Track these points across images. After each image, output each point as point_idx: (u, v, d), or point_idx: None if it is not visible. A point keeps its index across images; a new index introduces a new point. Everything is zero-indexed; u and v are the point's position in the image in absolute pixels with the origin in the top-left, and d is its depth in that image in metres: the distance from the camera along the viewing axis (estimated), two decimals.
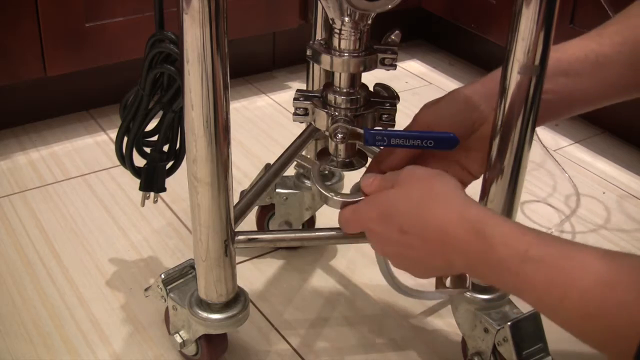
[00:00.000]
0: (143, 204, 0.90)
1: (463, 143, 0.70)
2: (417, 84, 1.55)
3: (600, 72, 0.70)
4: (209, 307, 0.77)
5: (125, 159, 0.86)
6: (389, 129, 0.73)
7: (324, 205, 0.78)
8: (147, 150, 0.86)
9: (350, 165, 0.76)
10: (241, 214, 0.82)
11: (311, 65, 0.92)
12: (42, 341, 0.87)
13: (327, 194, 0.75)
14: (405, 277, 0.95)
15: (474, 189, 0.74)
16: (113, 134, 1.24)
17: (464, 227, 0.59)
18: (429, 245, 0.62)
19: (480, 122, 0.71)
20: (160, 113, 0.83)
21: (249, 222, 0.97)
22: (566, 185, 1.20)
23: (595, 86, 0.71)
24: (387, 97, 0.74)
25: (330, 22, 0.70)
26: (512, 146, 0.67)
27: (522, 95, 0.65)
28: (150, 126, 0.85)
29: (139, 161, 0.87)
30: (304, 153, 0.93)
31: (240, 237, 0.76)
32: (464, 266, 0.61)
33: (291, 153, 0.89)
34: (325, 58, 0.70)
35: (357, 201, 0.71)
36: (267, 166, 0.92)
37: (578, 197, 1.16)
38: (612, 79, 0.71)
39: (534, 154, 0.85)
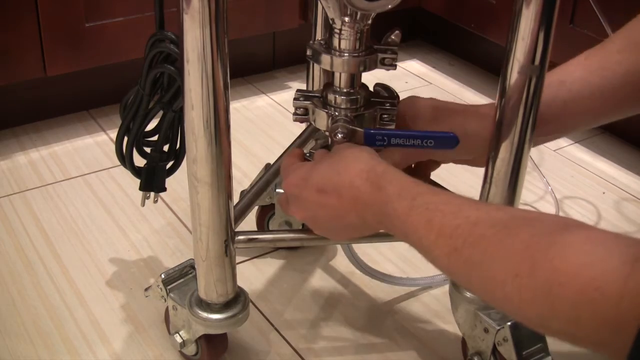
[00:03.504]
0: (143, 204, 0.90)
1: None
2: (417, 84, 1.55)
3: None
4: (209, 307, 0.77)
5: (125, 159, 0.86)
6: (388, 128, 0.73)
7: None
8: (147, 150, 0.86)
9: None
10: (241, 214, 0.82)
11: (311, 65, 0.92)
12: (42, 341, 0.87)
13: None
14: (384, 267, 0.95)
15: (474, 189, 0.74)
16: (113, 134, 1.24)
17: (370, 181, 0.63)
18: (343, 201, 0.64)
19: None
20: (160, 113, 0.83)
21: (249, 222, 0.97)
22: (557, 189, 1.21)
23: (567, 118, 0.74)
24: (387, 97, 0.74)
25: (330, 22, 0.70)
26: (512, 146, 0.67)
27: (522, 95, 0.65)
28: (150, 126, 0.85)
29: (139, 161, 0.87)
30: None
31: (240, 237, 0.76)
32: (374, 221, 0.63)
33: None
34: (325, 58, 0.71)
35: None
36: (267, 166, 0.92)
37: (557, 207, 1.16)
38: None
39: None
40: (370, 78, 0.71)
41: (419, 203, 0.59)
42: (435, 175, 0.80)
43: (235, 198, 0.80)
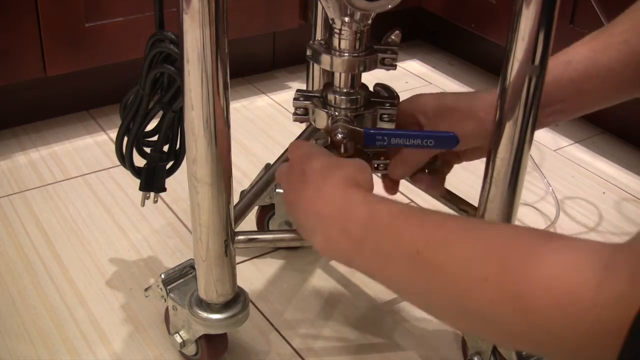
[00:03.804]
0: (143, 204, 0.90)
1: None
2: (417, 84, 1.55)
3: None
4: (209, 307, 0.77)
5: (125, 159, 0.86)
6: (388, 128, 0.73)
7: None
8: (147, 150, 0.86)
9: None
10: (241, 214, 0.82)
11: (311, 65, 0.92)
12: (42, 341, 0.87)
13: None
14: None
15: (474, 189, 0.74)
16: (113, 134, 1.24)
17: (342, 185, 0.61)
18: (301, 193, 0.64)
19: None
20: (160, 113, 0.83)
21: (249, 222, 0.98)
22: (557, 189, 1.21)
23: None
24: (387, 97, 0.74)
25: (330, 22, 0.70)
26: (512, 146, 0.67)
27: (522, 95, 0.65)
28: (150, 126, 0.85)
29: (139, 161, 0.87)
30: None
31: (240, 237, 0.76)
32: (309, 227, 0.62)
33: None
34: (325, 58, 0.71)
35: None
36: (267, 166, 0.92)
37: (558, 207, 1.16)
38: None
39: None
40: (370, 78, 0.71)
41: (381, 207, 0.57)
42: None
43: (235, 198, 0.80)
